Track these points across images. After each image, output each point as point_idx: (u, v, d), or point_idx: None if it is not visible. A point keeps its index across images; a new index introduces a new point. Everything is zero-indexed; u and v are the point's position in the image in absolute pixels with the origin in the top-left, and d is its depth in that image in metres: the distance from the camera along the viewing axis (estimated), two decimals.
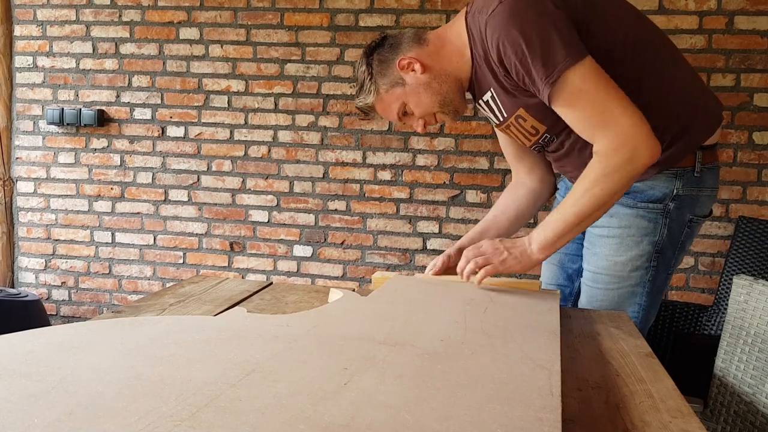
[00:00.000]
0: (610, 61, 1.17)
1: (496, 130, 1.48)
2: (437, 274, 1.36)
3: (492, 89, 1.29)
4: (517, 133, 1.36)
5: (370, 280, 1.45)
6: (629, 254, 1.33)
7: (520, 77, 1.18)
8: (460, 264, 1.26)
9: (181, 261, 3.15)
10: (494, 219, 1.53)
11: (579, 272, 1.51)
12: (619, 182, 1.14)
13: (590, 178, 1.16)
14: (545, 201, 1.56)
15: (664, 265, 1.36)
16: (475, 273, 1.23)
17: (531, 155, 1.49)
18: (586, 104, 1.14)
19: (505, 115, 1.32)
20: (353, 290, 1.21)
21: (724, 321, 1.17)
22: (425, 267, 1.41)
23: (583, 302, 1.44)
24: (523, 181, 1.54)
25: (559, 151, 1.36)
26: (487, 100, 1.32)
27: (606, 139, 1.14)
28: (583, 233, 1.43)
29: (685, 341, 2.39)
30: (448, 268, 1.37)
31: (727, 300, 2.19)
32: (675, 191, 1.30)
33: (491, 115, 1.37)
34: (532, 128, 1.32)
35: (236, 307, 1.11)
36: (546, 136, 1.33)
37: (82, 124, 3.12)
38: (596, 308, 1.38)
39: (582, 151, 1.30)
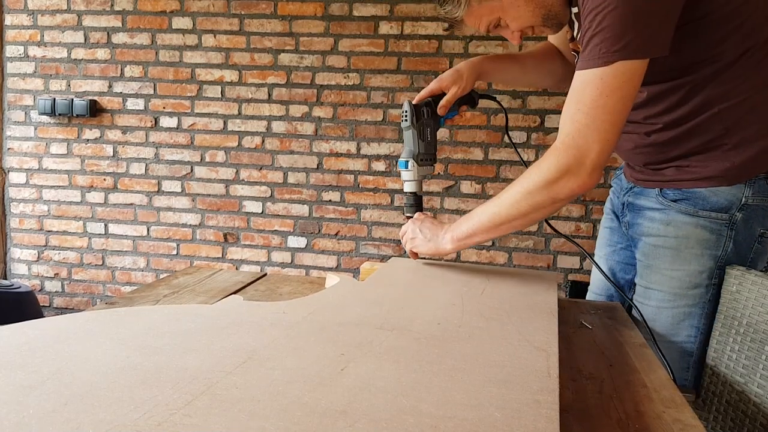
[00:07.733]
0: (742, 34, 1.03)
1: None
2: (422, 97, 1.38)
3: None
4: None
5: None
6: (687, 269, 1.16)
7: (584, 23, 1.03)
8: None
9: (174, 252, 3.14)
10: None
11: (633, 284, 1.34)
12: (542, 195, 1.07)
13: (522, 184, 1.11)
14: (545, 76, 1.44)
15: None
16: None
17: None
18: (595, 100, 1.00)
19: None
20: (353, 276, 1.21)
21: (716, 311, 1.17)
22: (419, 259, 1.40)
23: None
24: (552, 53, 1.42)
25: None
26: (577, 13, 1.15)
27: (567, 148, 1.03)
28: (636, 241, 1.27)
29: None
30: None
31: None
32: (743, 200, 1.11)
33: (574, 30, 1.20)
34: None
35: (232, 295, 1.11)
36: None
37: (74, 115, 3.10)
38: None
39: (645, 132, 1.16)
